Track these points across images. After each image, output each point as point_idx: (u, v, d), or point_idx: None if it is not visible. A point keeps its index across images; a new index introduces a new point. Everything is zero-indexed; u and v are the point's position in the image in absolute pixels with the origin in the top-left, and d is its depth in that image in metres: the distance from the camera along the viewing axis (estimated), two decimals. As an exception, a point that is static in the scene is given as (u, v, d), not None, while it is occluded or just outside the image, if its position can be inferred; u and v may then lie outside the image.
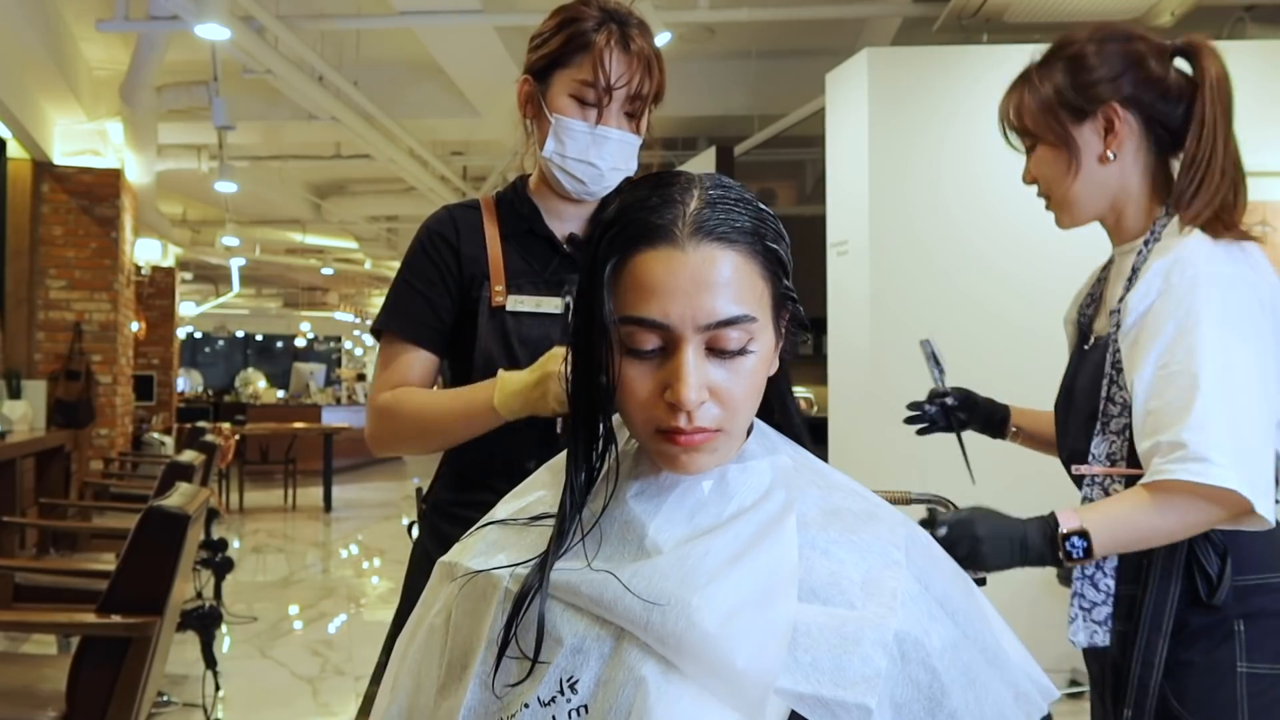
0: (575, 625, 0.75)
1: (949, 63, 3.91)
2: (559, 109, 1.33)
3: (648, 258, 0.75)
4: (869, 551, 0.78)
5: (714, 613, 0.71)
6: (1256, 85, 3.76)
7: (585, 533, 0.79)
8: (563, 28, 1.33)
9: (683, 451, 0.77)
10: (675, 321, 0.74)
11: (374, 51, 5.79)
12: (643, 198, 0.77)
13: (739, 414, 0.77)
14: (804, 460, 0.86)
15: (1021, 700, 0.80)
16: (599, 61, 1.30)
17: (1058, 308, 1.90)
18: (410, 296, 1.39)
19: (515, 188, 1.45)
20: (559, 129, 1.34)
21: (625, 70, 1.32)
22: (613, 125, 1.34)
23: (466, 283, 1.37)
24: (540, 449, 1.31)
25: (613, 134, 1.34)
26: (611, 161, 1.35)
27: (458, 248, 1.38)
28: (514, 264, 1.38)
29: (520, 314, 1.35)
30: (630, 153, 1.37)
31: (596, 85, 1.31)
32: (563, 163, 1.35)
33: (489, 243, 1.38)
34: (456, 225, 1.40)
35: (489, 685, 0.76)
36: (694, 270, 0.74)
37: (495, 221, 1.41)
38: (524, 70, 1.39)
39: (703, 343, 0.75)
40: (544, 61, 1.35)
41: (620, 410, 0.80)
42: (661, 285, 0.74)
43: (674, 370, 0.75)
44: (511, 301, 1.35)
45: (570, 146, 1.34)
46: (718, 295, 0.74)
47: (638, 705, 0.70)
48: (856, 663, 0.71)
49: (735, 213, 0.77)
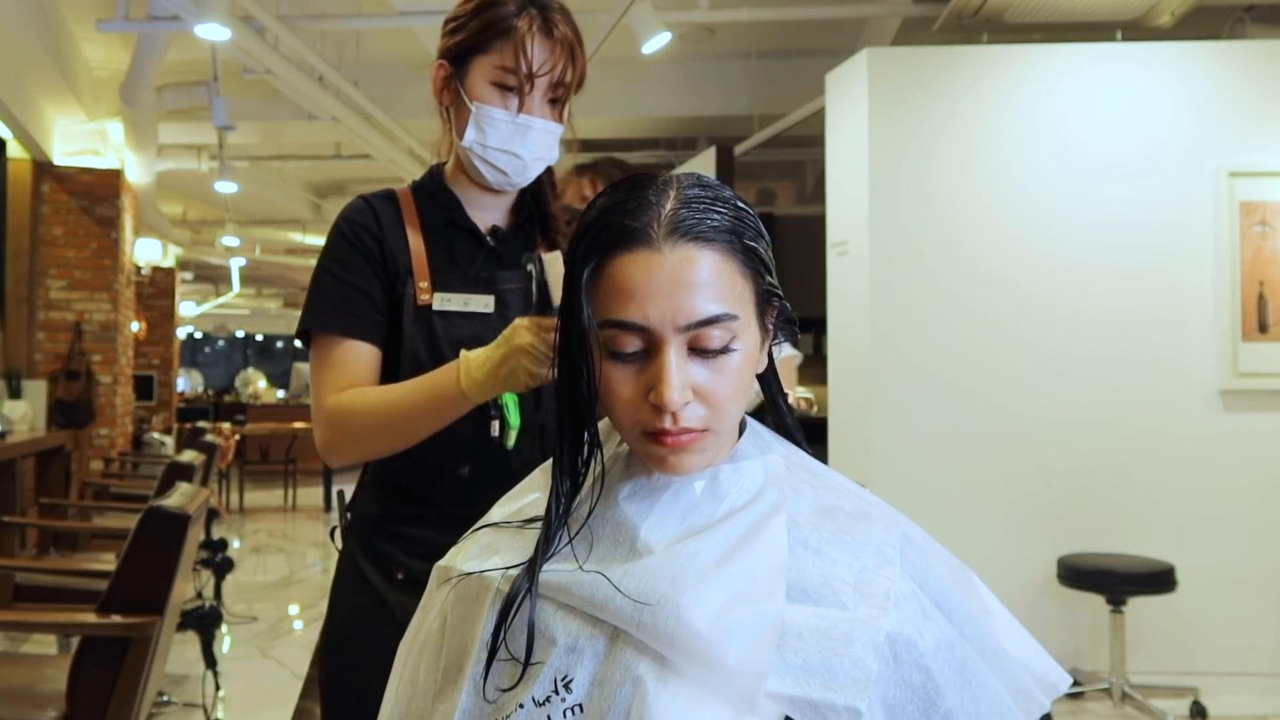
0: (569, 625, 0.75)
1: (949, 63, 3.91)
2: (479, 97, 1.26)
3: (625, 261, 0.75)
4: (862, 551, 0.78)
5: (703, 612, 0.71)
6: (1256, 85, 3.76)
7: (573, 535, 0.79)
8: (481, 12, 1.27)
9: (670, 453, 0.77)
10: (655, 323, 0.74)
11: (374, 51, 5.79)
12: (619, 201, 0.77)
13: (725, 413, 0.77)
14: (797, 460, 0.86)
15: (1021, 697, 0.80)
16: (520, 48, 1.24)
17: (1055, 308, 1.90)
18: (341, 289, 1.27)
19: (432, 176, 1.36)
20: (480, 117, 1.27)
21: (548, 57, 1.25)
22: (536, 114, 1.27)
23: (390, 278, 1.28)
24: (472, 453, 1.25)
25: (536, 123, 1.27)
26: (535, 151, 1.29)
27: (381, 238, 1.28)
28: (437, 259, 1.29)
29: (448, 313, 1.27)
30: (552, 142, 1.30)
31: (519, 72, 1.24)
32: (484, 153, 1.28)
33: (410, 236, 1.29)
34: (377, 215, 1.30)
35: (482, 687, 0.76)
36: (671, 271, 0.74)
37: (415, 212, 1.32)
38: (439, 55, 1.32)
39: (684, 343, 0.75)
40: (461, 47, 1.28)
41: (607, 414, 0.80)
42: (639, 287, 0.74)
43: (656, 372, 0.75)
44: (438, 300, 1.27)
45: (492, 136, 1.27)
46: (697, 295, 0.74)
47: (636, 704, 0.70)
48: (847, 664, 0.71)
49: (712, 212, 0.77)
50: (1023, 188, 3.82)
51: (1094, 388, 3.76)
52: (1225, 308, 3.71)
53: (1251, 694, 3.65)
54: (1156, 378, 3.75)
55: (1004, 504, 3.78)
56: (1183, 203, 3.76)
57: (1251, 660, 3.70)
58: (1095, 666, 3.68)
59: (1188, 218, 3.76)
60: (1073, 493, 3.77)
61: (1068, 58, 3.86)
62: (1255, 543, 3.71)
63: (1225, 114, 3.75)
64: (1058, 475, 3.77)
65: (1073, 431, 3.75)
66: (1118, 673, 3.47)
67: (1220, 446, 3.73)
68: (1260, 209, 3.70)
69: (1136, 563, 3.50)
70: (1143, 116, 3.81)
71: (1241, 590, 3.70)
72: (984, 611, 0.82)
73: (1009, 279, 3.79)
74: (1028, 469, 3.78)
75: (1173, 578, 3.42)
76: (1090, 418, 3.75)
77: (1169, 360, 3.75)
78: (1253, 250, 3.71)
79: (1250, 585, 3.70)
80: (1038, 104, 3.85)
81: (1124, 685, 3.47)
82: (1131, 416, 3.75)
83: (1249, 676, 3.68)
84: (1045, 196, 3.80)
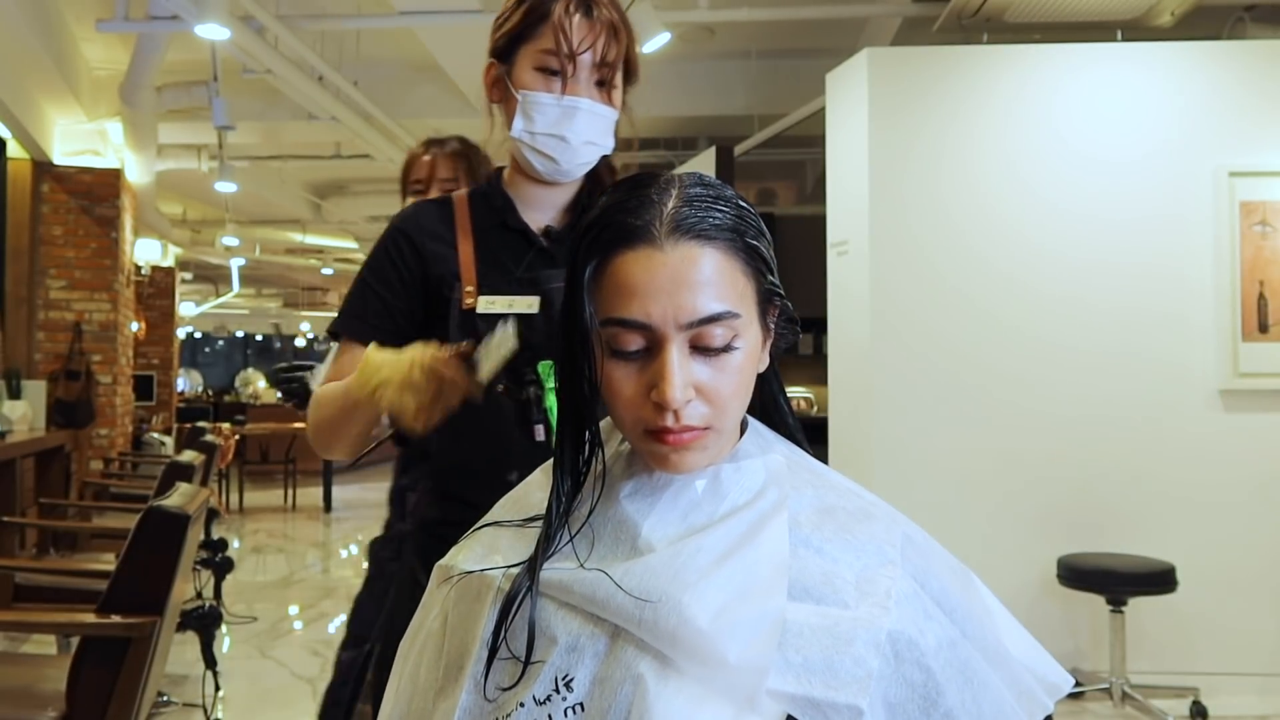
0: (569, 624, 0.75)
1: (949, 63, 3.91)
2: (524, 84, 1.27)
3: (627, 259, 0.75)
4: (864, 550, 0.78)
5: (705, 609, 0.71)
6: (1256, 85, 3.76)
7: (574, 533, 0.79)
8: (522, 2, 1.27)
9: (673, 451, 0.77)
10: (657, 321, 0.74)
11: (374, 51, 5.79)
12: (621, 199, 0.77)
13: (727, 411, 0.77)
14: (799, 459, 0.86)
15: (1024, 698, 0.79)
16: (560, 29, 1.24)
17: (1056, 307, 1.90)
18: (365, 297, 1.31)
19: (490, 181, 1.37)
20: (526, 105, 1.27)
21: (588, 34, 1.25)
22: (582, 95, 1.26)
23: (434, 283, 1.29)
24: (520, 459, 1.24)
25: (582, 104, 1.26)
26: (584, 135, 1.27)
27: (420, 246, 1.30)
28: (485, 262, 1.29)
29: (491, 316, 1.26)
30: (604, 126, 1.29)
31: (559, 53, 1.24)
32: (532, 140, 1.27)
33: (460, 241, 1.30)
34: (421, 222, 1.32)
35: (483, 685, 0.76)
36: (673, 269, 0.74)
37: (468, 217, 1.33)
38: (489, 54, 1.32)
39: (686, 341, 0.75)
40: (506, 40, 1.29)
41: (609, 413, 0.80)
42: (641, 285, 0.74)
43: (658, 370, 0.75)
44: (482, 303, 1.27)
45: (539, 121, 1.26)
46: (699, 293, 0.74)
47: (637, 703, 0.70)
48: (848, 663, 0.71)
49: (715, 210, 0.77)
50: (1023, 188, 3.82)
51: (1094, 389, 3.76)
52: (1225, 307, 3.71)
53: (1251, 694, 3.65)
54: (1157, 378, 3.75)
55: (1004, 504, 3.78)
56: (1183, 203, 3.76)
57: (1251, 660, 3.70)
58: (1095, 666, 3.68)
59: (1188, 218, 3.76)
60: (1073, 493, 3.77)
61: (1068, 58, 3.86)
62: (1256, 543, 3.71)
63: (1225, 114, 3.75)
64: (1058, 476, 3.77)
65: (1073, 432, 3.75)
66: (1118, 673, 3.47)
67: (1221, 446, 3.73)
68: (1260, 209, 3.70)
69: (1136, 563, 3.50)
70: (1143, 117, 3.81)
71: (1241, 590, 3.70)
72: (985, 612, 0.82)
73: (1008, 280, 3.79)
74: (1028, 469, 3.78)
75: (1173, 578, 3.42)
76: (1090, 419, 3.75)
77: (1169, 360, 3.75)
78: (1253, 250, 3.71)
79: (1250, 585, 3.70)
80: (1038, 104, 3.85)
81: (1124, 685, 3.47)
82: (1132, 417, 3.75)
83: (1249, 676, 3.68)
84: (1045, 197, 3.80)
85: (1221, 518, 3.71)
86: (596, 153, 1.31)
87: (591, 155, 1.30)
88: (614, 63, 1.27)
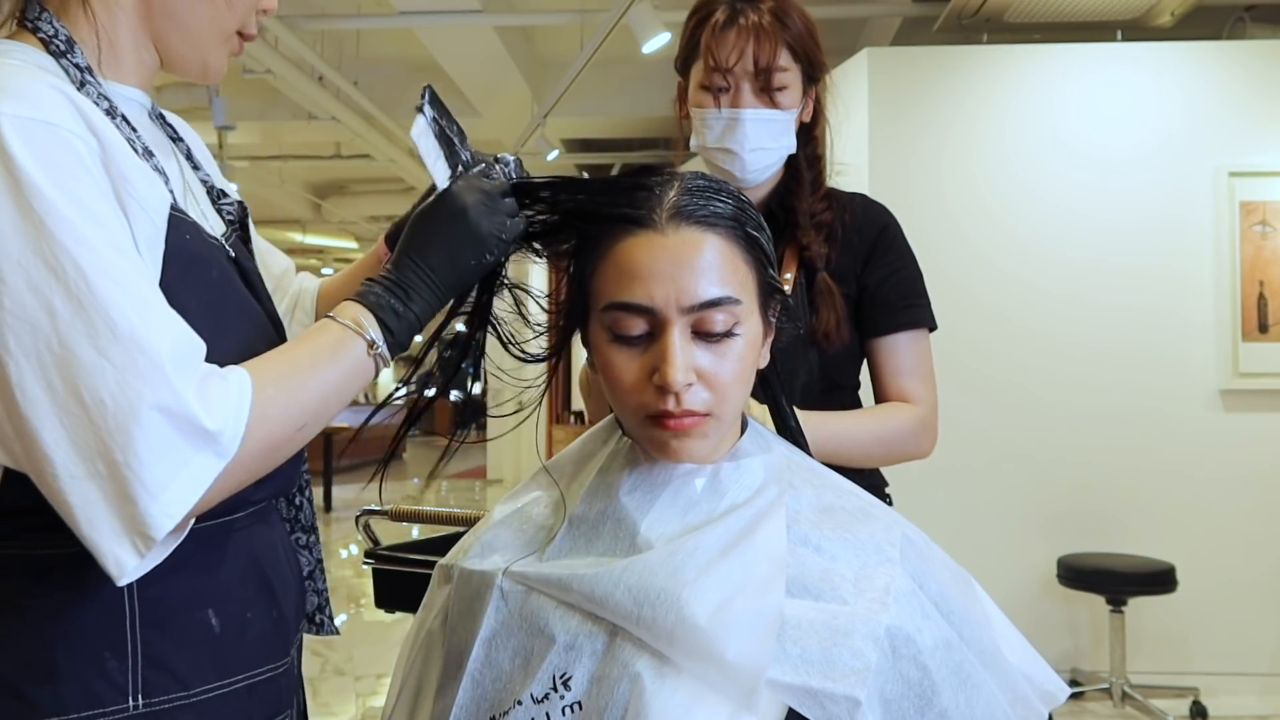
0: (568, 622, 0.75)
1: (949, 63, 3.91)
2: (695, 102, 1.32)
3: (629, 244, 0.76)
4: (863, 549, 0.78)
5: (703, 605, 0.71)
6: (1256, 85, 3.76)
7: (574, 532, 0.79)
8: (690, 18, 1.32)
9: (673, 436, 0.77)
10: (659, 304, 0.75)
11: (374, 51, 5.79)
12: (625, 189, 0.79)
13: (728, 398, 0.78)
14: (798, 459, 0.86)
15: (1019, 704, 0.79)
16: (708, 49, 1.27)
17: (1056, 307, 1.90)
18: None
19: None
20: (697, 122, 1.32)
21: (733, 46, 1.26)
22: (745, 106, 1.28)
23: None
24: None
25: (745, 114, 1.28)
26: (752, 143, 1.29)
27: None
28: None
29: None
30: (775, 129, 1.30)
31: (714, 69, 1.28)
32: (707, 155, 1.33)
33: None
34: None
35: (482, 683, 0.76)
36: (675, 252, 0.75)
37: None
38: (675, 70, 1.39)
39: (688, 325, 0.76)
40: (680, 59, 1.35)
41: (610, 398, 0.80)
42: (644, 269, 0.75)
43: (660, 352, 0.75)
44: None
45: (709, 136, 1.31)
46: (700, 277, 0.75)
47: (634, 701, 0.70)
48: (847, 655, 0.71)
49: (715, 200, 0.78)
50: (1023, 188, 3.82)
51: (1094, 389, 3.76)
52: (1225, 307, 3.71)
53: (1251, 694, 3.65)
54: (1157, 378, 3.75)
55: (1004, 504, 3.78)
56: (1183, 203, 3.75)
57: (1251, 660, 3.69)
58: (1095, 666, 3.68)
59: (1188, 218, 3.75)
60: (1073, 493, 3.77)
61: (1068, 58, 3.86)
62: (1256, 543, 3.71)
63: (1225, 114, 3.75)
64: (1058, 476, 3.77)
65: (1073, 432, 3.75)
66: (1118, 673, 3.47)
67: (1220, 446, 3.73)
68: (1260, 209, 3.70)
69: (1136, 563, 3.50)
70: (1143, 116, 3.81)
71: (1241, 590, 3.69)
72: (983, 617, 0.82)
73: (1008, 279, 3.79)
74: (1028, 469, 3.78)
75: (1173, 578, 3.42)
76: (1090, 419, 3.75)
77: (1169, 360, 3.75)
78: (1253, 250, 3.71)
79: (1250, 585, 3.70)
80: (1038, 104, 3.85)
81: (1124, 685, 3.46)
82: (1132, 417, 3.75)
83: (1249, 676, 3.68)
84: (1045, 197, 3.80)
85: (1221, 518, 3.71)
86: (772, 156, 1.32)
87: (766, 160, 1.32)
88: (770, 67, 1.28)
